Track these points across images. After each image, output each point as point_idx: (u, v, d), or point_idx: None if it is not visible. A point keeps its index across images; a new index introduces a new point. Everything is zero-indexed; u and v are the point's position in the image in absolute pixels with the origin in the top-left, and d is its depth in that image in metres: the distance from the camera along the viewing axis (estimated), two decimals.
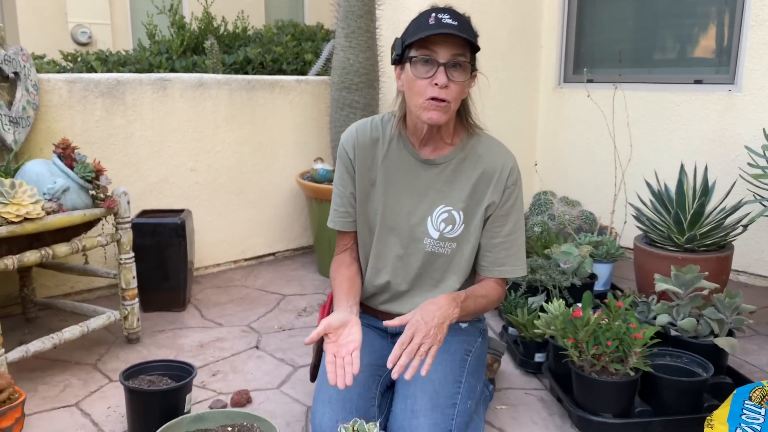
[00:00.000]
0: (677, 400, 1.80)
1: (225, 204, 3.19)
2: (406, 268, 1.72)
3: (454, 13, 1.51)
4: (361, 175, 1.69)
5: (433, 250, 1.69)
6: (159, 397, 1.67)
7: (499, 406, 1.94)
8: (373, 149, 1.68)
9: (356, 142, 1.68)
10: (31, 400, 1.93)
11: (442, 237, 1.68)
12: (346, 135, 1.71)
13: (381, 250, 1.72)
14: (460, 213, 1.66)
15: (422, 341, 1.41)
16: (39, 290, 2.60)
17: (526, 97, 3.92)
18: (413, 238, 1.69)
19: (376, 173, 1.69)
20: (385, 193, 1.69)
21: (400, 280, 1.73)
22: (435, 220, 1.67)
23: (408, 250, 1.71)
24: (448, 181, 1.66)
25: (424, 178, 1.66)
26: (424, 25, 1.49)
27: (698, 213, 2.46)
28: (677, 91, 3.31)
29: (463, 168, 1.66)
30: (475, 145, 1.66)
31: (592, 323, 1.79)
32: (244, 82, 3.15)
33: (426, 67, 1.50)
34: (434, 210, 1.67)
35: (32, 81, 2.47)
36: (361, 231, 1.75)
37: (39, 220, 1.92)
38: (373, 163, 1.68)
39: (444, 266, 1.71)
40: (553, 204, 3.32)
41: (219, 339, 2.41)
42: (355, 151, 1.68)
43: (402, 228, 1.69)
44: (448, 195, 1.66)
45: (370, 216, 1.72)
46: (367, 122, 1.71)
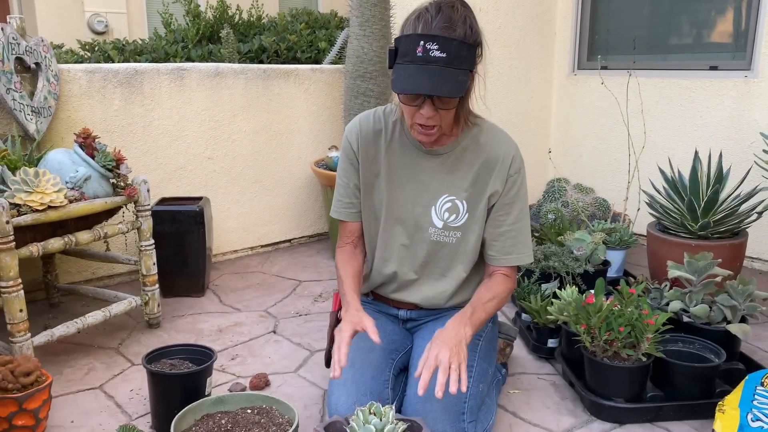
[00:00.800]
0: (689, 386, 1.82)
1: (242, 192, 3.24)
2: (413, 257, 1.74)
3: (444, 42, 1.41)
4: (364, 166, 1.71)
5: (438, 240, 1.71)
6: (181, 380, 1.72)
7: (512, 391, 1.97)
8: (376, 141, 1.70)
9: (360, 134, 1.70)
10: (57, 382, 1.99)
11: (446, 226, 1.69)
12: (350, 127, 1.73)
13: (387, 240, 1.75)
14: (464, 202, 1.68)
15: (450, 360, 1.39)
16: (62, 276, 2.67)
17: (540, 85, 3.91)
18: (418, 227, 1.71)
19: (379, 165, 1.70)
20: (389, 184, 1.70)
21: (407, 269, 1.75)
22: (439, 210, 1.69)
23: (413, 240, 1.72)
24: (450, 171, 1.67)
25: (427, 169, 1.68)
26: (411, 54, 1.43)
27: (712, 200, 2.46)
28: (692, 77, 3.29)
29: (464, 157, 1.67)
30: (476, 135, 1.67)
31: (604, 309, 1.82)
32: (260, 71, 3.18)
33: (412, 97, 1.48)
34: (438, 200, 1.68)
35: (53, 71, 2.51)
36: (367, 221, 1.77)
37: (62, 208, 1.97)
38: (376, 155, 1.70)
39: (450, 255, 1.73)
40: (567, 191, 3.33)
41: (237, 324, 2.46)
42: (358, 143, 1.70)
43: (407, 218, 1.71)
44: (450, 184, 1.68)
45: (375, 206, 1.74)
46: (371, 114, 1.72)
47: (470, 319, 1.54)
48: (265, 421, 1.64)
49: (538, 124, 3.97)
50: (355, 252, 1.77)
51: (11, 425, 1.65)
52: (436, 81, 1.42)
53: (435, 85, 1.42)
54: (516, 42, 3.70)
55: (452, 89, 1.43)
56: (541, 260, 2.44)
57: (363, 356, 1.66)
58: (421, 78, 1.42)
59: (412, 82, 1.43)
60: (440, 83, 1.42)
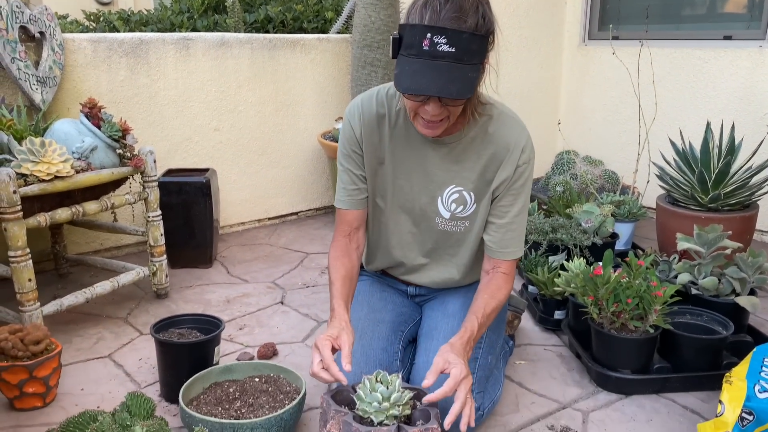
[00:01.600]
0: (696, 358, 1.82)
1: (248, 164, 3.23)
2: (420, 244, 1.71)
3: (453, 35, 1.29)
4: (368, 153, 1.62)
5: (446, 229, 1.66)
6: (189, 349, 1.73)
7: (519, 362, 1.98)
8: (380, 126, 1.60)
9: (362, 119, 1.59)
10: (67, 351, 2.01)
11: (453, 217, 1.63)
12: (352, 111, 1.61)
13: (393, 229, 1.70)
14: (471, 194, 1.61)
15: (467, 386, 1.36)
16: (70, 247, 2.68)
17: (550, 55, 3.85)
18: (425, 217, 1.66)
19: (384, 152, 1.61)
20: (394, 172, 1.63)
21: (414, 255, 1.73)
22: (446, 201, 1.63)
23: (420, 228, 1.68)
24: (457, 161, 1.59)
25: (433, 158, 1.59)
26: (417, 46, 1.32)
27: (723, 172, 2.43)
28: (705, 47, 3.23)
29: (472, 147, 1.57)
30: (485, 124, 1.56)
31: (612, 281, 1.81)
32: (266, 41, 3.15)
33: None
34: (444, 190, 1.61)
35: (57, 41, 2.49)
36: (372, 207, 1.70)
37: (69, 178, 1.97)
38: (380, 142, 1.61)
39: (458, 243, 1.69)
40: (576, 163, 3.30)
41: (245, 295, 2.47)
42: (361, 129, 1.59)
43: (413, 207, 1.65)
44: (457, 175, 1.60)
45: (379, 192, 1.67)
46: (372, 96, 1.61)
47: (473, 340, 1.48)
48: (273, 389, 1.65)
49: (548, 95, 3.91)
50: (350, 247, 1.66)
51: (22, 392, 1.67)
52: (444, 80, 1.31)
53: (442, 85, 1.31)
54: (526, 11, 3.64)
55: (461, 89, 1.32)
56: (548, 233, 2.43)
57: (372, 328, 1.66)
58: (427, 76, 1.31)
59: (417, 81, 1.32)
60: (448, 83, 1.31)
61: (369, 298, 1.76)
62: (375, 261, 1.81)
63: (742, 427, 1.48)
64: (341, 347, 1.39)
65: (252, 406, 1.58)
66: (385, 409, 1.31)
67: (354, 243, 1.67)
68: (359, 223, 1.68)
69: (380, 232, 1.73)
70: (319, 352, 1.38)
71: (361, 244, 1.70)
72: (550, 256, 2.36)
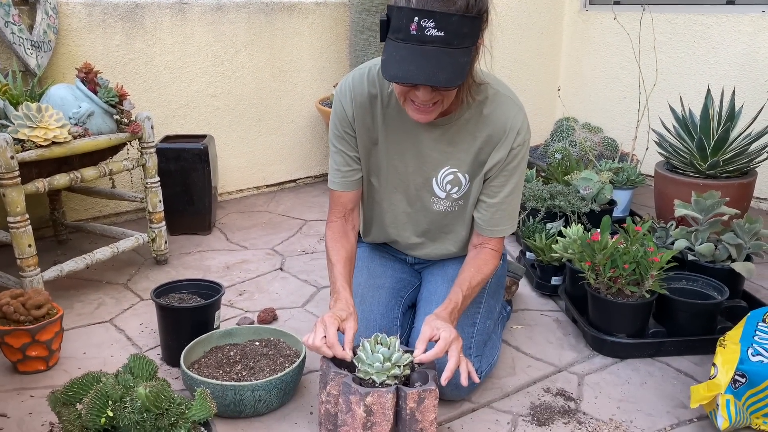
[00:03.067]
0: (691, 322, 1.85)
1: (246, 130, 3.21)
2: (415, 224, 1.71)
3: (441, 19, 1.24)
4: (361, 134, 1.59)
5: (440, 209, 1.66)
6: (189, 313, 1.74)
7: (516, 326, 2.00)
8: (372, 107, 1.55)
9: (354, 100, 1.55)
10: (68, 316, 2.03)
11: (449, 197, 1.63)
12: (343, 90, 1.56)
13: (387, 208, 1.69)
14: (466, 176, 1.59)
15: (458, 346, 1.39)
16: (69, 214, 2.68)
17: (550, 20, 3.80)
18: (419, 197, 1.65)
19: (377, 133, 1.58)
20: (388, 153, 1.60)
21: (409, 233, 1.73)
22: (441, 182, 1.61)
23: (414, 208, 1.68)
24: (451, 142, 1.56)
25: (427, 139, 1.56)
26: (404, 30, 1.26)
27: (722, 139, 2.43)
28: (707, 12, 3.19)
29: (467, 129, 1.54)
30: (480, 105, 1.51)
31: (610, 247, 1.82)
32: (263, 5, 3.10)
33: None
34: (439, 171, 1.59)
35: (51, 4, 2.45)
36: (366, 185, 1.68)
37: (66, 144, 1.96)
38: (373, 123, 1.57)
39: (453, 221, 1.69)
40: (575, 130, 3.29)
41: (244, 261, 2.48)
42: (353, 110, 1.55)
43: (408, 188, 1.64)
44: (451, 156, 1.57)
45: (372, 172, 1.65)
46: (363, 75, 1.55)
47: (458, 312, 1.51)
48: (273, 353, 1.68)
49: (548, 61, 3.88)
50: (346, 228, 1.65)
51: (25, 356, 1.69)
52: (433, 68, 1.25)
53: (431, 73, 1.25)
54: None
55: (451, 77, 1.26)
56: (546, 199, 2.43)
57: (372, 294, 1.68)
58: (414, 63, 1.25)
59: (405, 68, 1.26)
60: (437, 70, 1.25)
61: (368, 264, 1.77)
62: (371, 234, 1.81)
63: (735, 389, 1.51)
64: (345, 332, 1.41)
65: (252, 369, 1.60)
66: (387, 369, 1.33)
67: (350, 224, 1.67)
68: (354, 204, 1.67)
69: (374, 210, 1.72)
70: (325, 329, 1.38)
71: (356, 224, 1.71)
72: (548, 223, 2.37)
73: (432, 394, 1.32)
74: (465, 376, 1.38)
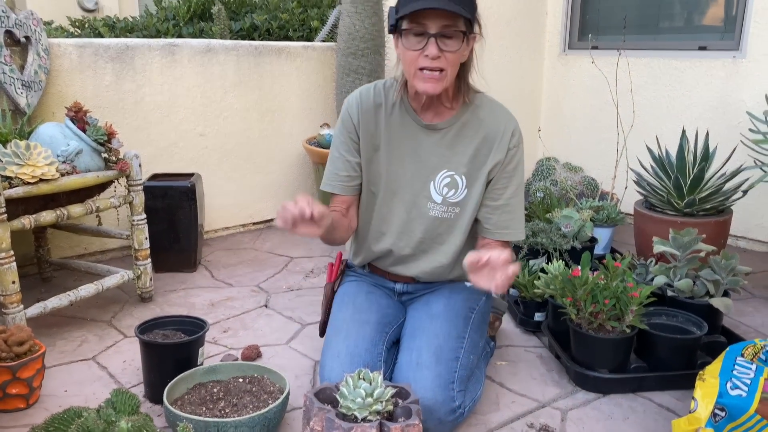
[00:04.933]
0: (671, 357, 1.87)
1: (233, 169, 3.24)
2: (410, 233, 1.75)
3: None
4: (364, 140, 1.70)
5: (437, 215, 1.71)
6: (173, 349, 1.74)
7: (500, 362, 2.01)
8: (376, 115, 1.69)
9: (360, 106, 1.69)
10: (50, 353, 2.01)
11: (445, 201, 1.70)
12: (350, 100, 1.71)
13: (385, 215, 1.75)
14: (463, 178, 1.68)
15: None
16: (54, 251, 2.68)
17: (531, 64, 3.93)
18: (416, 203, 1.71)
19: (379, 139, 1.70)
20: (388, 158, 1.70)
21: (403, 244, 1.76)
22: (438, 185, 1.69)
23: (411, 215, 1.73)
24: (449, 146, 1.67)
25: (426, 144, 1.68)
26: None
27: (698, 178, 2.50)
28: (681, 57, 3.31)
29: (464, 132, 1.67)
30: (476, 110, 1.67)
31: (590, 282, 1.85)
32: (252, 47, 3.18)
33: (417, 38, 1.50)
34: (437, 175, 1.69)
35: (43, 45, 2.50)
36: (365, 194, 1.76)
37: (54, 181, 1.98)
38: (376, 129, 1.70)
39: (447, 230, 1.74)
40: (556, 170, 3.36)
41: (229, 298, 2.48)
42: (359, 116, 1.69)
43: (405, 193, 1.71)
44: (450, 160, 1.68)
45: (372, 180, 1.74)
46: (371, 88, 1.72)
47: None
48: (257, 389, 1.67)
49: (529, 103, 3.98)
50: (346, 215, 1.75)
51: (5, 393, 1.67)
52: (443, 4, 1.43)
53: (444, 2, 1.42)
54: (507, 21, 3.70)
55: (462, 8, 1.44)
56: (529, 237, 2.47)
57: (357, 329, 1.69)
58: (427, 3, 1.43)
59: (420, 4, 1.43)
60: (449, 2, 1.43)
61: (354, 299, 1.79)
62: (362, 252, 1.83)
63: (715, 422, 1.52)
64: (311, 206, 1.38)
65: (236, 406, 1.60)
66: (369, 405, 1.34)
67: (347, 217, 1.76)
68: (349, 205, 1.77)
69: (371, 220, 1.78)
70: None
71: (353, 222, 1.78)
72: (530, 260, 2.41)
73: (415, 428, 1.32)
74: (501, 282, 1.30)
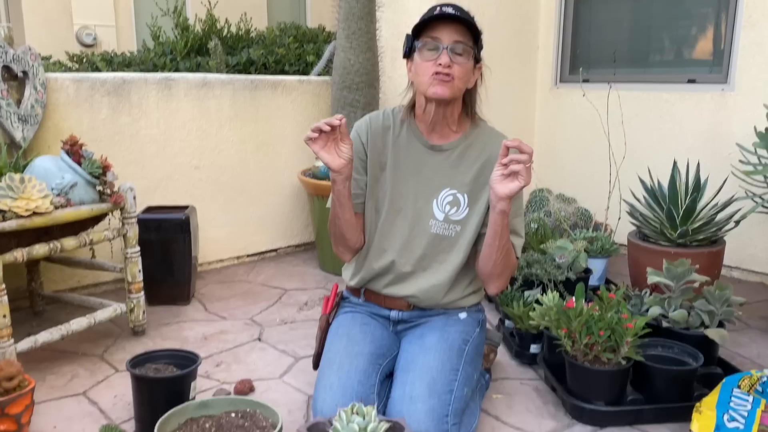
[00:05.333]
0: (668, 389, 1.85)
1: (228, 201, 3.25)
2: (411, 249, 1.78)
3: (457, 7, 1.63)
4: (372, 159, 1.78)
5: (438, 232, 1.76)
6: (164, 384, 1.72)
7: (495, 395, 2.00)
8: (384, 136, 1.79)
9: (369, 128, 1.79)
10: (40, 389, 1.99)
11: (447, 219, 1.75)
12: (360, 122, 1.82)
13: (387, 231, 1.79)
14: (465, 196, 1.75)
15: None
16: (47, 284, 2.66)
17: (523, 97, 3.98)
18: (419, 220, 1.77)
19: (386, 158, 1.78)
20: (394, 176, 1.77)
21: (404, 261, 1.78)
22: (440, 203, 1.76)
23: (413, 232, 1.77)
24: (453, 166, 1.76)
25: (431, 163, 1.76)
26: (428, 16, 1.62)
27: (690, 208, 2.51)
28: (671, 90, 3.37)
29: (468, 154, 1.76)
30: (479, 134, 1.78)
31: (585, 313, 1.85)
32: (248, 81, 3.22)
33: (431, 52, 1.63)
34: (440, 193, 1.76)
35: (40, 80, 2.53)
36: (369, 213, 1.81)
37: (47, 215, 1.98)
38: (384, 149, 1.79)
39: (448, 248, 1.77)
40: (550, 201, 3.38)
41: (222, 331, 2.47)
42: (368, 136, 1.78)
43: (408, 210, 1.77)
44: (453, 179, 1.76)
45: (378, 198, 1.80)
46: (380, 112, 1.83)
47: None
48: (249, 424, 1.65)
49: (522, 136, 3.98)
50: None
51: None
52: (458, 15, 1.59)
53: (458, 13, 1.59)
54: (500, 55, 3.76)
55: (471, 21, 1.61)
56: (524, 268, 2.48)
57: (350, 361, 1.68)
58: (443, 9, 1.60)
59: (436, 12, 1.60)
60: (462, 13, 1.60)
61: (348, 331, 1.78)
62: (363, 270, 1.84)
63: None
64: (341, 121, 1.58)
65: None
66: None
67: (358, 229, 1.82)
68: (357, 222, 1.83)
69: (374, 237, 1.81)
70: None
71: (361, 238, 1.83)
72: (525, 291, 2.40)
73: None
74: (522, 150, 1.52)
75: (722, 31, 3.23)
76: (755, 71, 3.04)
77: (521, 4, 3.80)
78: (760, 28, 3.01)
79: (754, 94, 3.04)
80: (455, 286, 1.80)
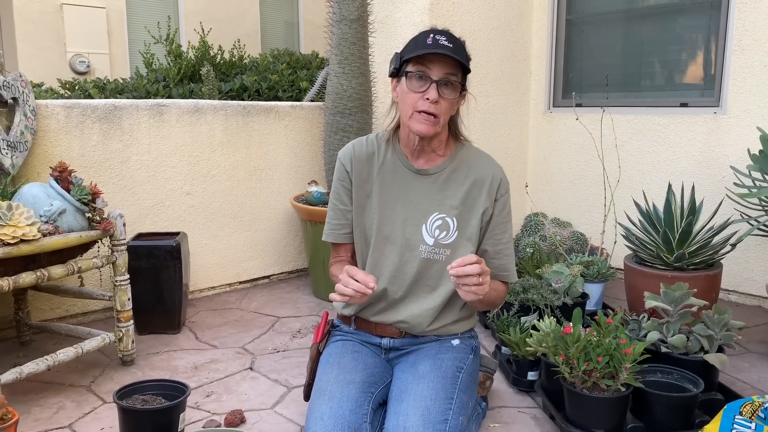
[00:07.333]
0: (668, 416, 1.81)
1: (220, 227, 3.22)
2: (402, 275, 1.76)
3: (450, 36, 1.61)
4: (357, 187, 1.77)
5: (429, 257, 1.74)
6: (152, 416, 1.67)
7: (492, 425, 1.95)
8: (369, 163, 1.76)
9: (353, 156, 1.77)
10: (24, 422, 1.93)
11: (437, 243, 1.73)
12: (344, 150, 1.79)
13: (377, 259, 1.77)
14: (454, 220, 1.73)
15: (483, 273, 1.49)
16: (34, 313, 2.61)
17: (517, 122, 3.99)
18: (409, 246, 1.74)
19: (372, 185, 1.76)
20: (381, 203, 1.75)
21: (396, 287, 1.76)
22: (430, 227, 1.74)
23: (404, 258, 1.75)
24: (440, 190, 1.74)
25: (418, 188, 1.74)
26: (422, 44, 1.59)
27: (686, 232, 2.50)
28: (664, 114, 3.38)
29: (455, 177, 1.74)
30: (465, 156, 1.76)
31: (582, 339, 1.81)
32: (240, 107, 3.21)
33: (420, 82, 1.61)
34: (428, 217, 1.74)
35: (30, 106, 2.51)
36: (358, 241, 1.80)
37: (35, 242, 1.94)
38: (369, 176, 1.76)
39: (439, 273, 1.75)
40: (545, 225, 3.36)
41: (213, 360, 2.41)
42: (352, 164, 1.76)
43: (397, 237, 1.75)
44: (441, 203, 1.73)
45: (366, 227, 1.77)
46: (363, 139, 1.80)
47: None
48: None
49: (516, 160, 4.02)
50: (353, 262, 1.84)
51: None
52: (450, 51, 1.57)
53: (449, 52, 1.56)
54: (492, 80, 3.78)
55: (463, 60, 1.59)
56: (520, 293, 2.44)
57: (341, 390, 1.63)
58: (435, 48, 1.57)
59: (430, 49, 1.57)
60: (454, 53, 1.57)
61: (340, 359, 1.74)
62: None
63: None
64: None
65: None
66: None
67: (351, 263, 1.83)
68: (349, 254, 1.85)
69: (365, 266, 1.80)
70: (348, 275, 1.54)
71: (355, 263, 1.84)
72: (522, 317, 2.37)
73: None
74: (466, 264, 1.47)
75: (713, 55, 3.26)
76: (747, 94, 3.05)
77: (513, 29, 3.84)
78: (750, 52, 3.03)
79: (747, 116, 3.06)
80: (447, 311, 1.78)
